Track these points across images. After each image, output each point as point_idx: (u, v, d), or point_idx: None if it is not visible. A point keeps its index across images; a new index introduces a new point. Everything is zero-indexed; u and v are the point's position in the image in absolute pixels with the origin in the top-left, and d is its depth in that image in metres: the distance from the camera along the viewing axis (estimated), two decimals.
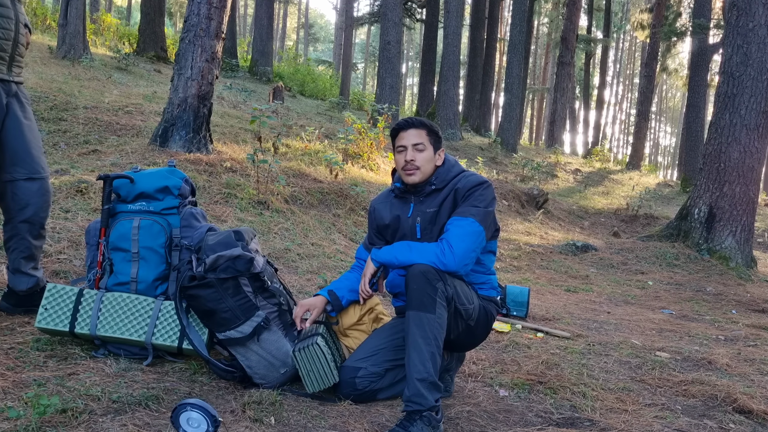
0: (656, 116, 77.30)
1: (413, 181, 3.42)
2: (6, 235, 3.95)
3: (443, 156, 3.53)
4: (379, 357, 3.42)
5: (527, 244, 10.96)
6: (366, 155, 12.31)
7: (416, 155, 3.40)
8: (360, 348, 3.54)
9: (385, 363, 3.41)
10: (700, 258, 10.37)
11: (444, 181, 3.43)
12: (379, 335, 3.58)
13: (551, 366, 4.30)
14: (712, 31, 24.34)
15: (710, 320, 6.74)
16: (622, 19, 53.75)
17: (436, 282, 3.04)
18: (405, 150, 3.43)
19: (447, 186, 3.41)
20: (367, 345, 3.54)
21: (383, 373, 3.41)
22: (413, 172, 3.41)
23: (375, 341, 3.53)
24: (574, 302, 7.20)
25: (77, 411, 2.76)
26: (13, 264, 3.98)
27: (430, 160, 3.44)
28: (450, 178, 3.44)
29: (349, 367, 3.41)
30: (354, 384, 3.36)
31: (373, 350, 3.46)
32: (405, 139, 3.45)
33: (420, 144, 3.42)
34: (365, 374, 3.37)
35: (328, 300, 3.56)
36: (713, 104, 11.36)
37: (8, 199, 3.87)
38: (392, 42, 19.52)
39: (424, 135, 3.45)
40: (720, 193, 10.64)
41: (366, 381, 3.37)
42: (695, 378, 4.25)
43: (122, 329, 3.47)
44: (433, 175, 3.46)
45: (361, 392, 3.37)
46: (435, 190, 3.43)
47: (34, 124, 3.97)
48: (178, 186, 3.79)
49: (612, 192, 21.74)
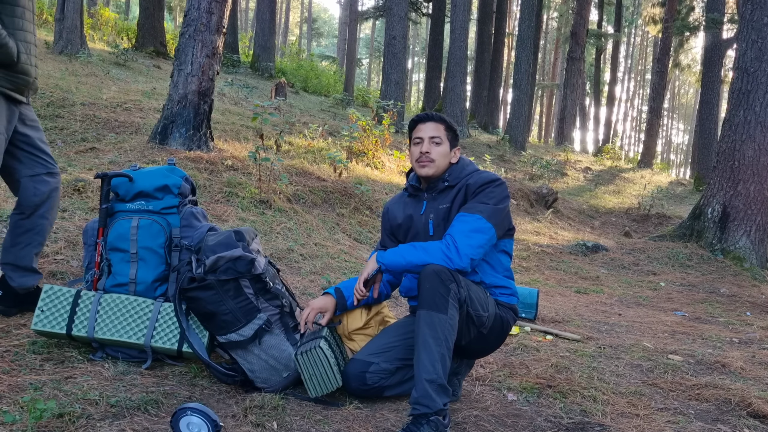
0: (668, 113, 77.19)
1: (426, 173, 3.45)
2: (19, 230, 3.97)
3: (458, 154, 3.57)
4: (391, 354, 3.43)
5: (536, 244, 10.95)
6: (371, 153, 12.30)
7: (432, 148, 3.44)
8: (371, 342, 3.54)
9: (396, 361, 3.42)
10: (714, 258, 10.35)
11: (457, 178, 3.45)
12: (392, 332, 3.58)
13: (561, 369, 4.29)
14: (726, 25, 24.31)
15: (724, 322, 6.73)
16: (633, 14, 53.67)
17: (450, 283, 3.04)
18: (421, 142, 3.48)
19: (459, 183, 3.42)
20: (379, 340, 3.54)
21: (394, 371, 3.42)
22: (427, 164, 3.44)
23: (388, 338, 3.53)
24: (585, 304, 7.19)
25: (74, 415, 2.76)
26: (23, 261, 3.99)
27: (445, 155, 3.47)
28: (463, 176, 3.45)
29: (360, 360, 3.41)
30: (364, 378, 3.37)
31: (386, 347, 3.47)
32: (423, 131, 3.50)
33: (437, 137, 3.46)
34: (377, 370, 3.38)
35: (336, 299, 3.57)
36: (727, 101, 11.35)
37: (29, 194, 3.93)
38: (398, 37, 19.51)
39: (441, 129, 3.50)
40: (734, 191, 10.61)
41: (376, 377, 3.37)
42: (708, 382, 4.23)
43: (121, 332, 3.47)
44: (447, 172, 3.49)
45: (369, 388, 3.38)
46: (448, 187, 3.45)
47: (38, 121, 4.07)
48: (178, 185, 3.79)
49: (623, 191, 21.71)
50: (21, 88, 3.78)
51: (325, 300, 3.56)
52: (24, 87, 3.81)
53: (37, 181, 3.95)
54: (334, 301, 3.56)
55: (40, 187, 3.96)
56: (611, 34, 39.61)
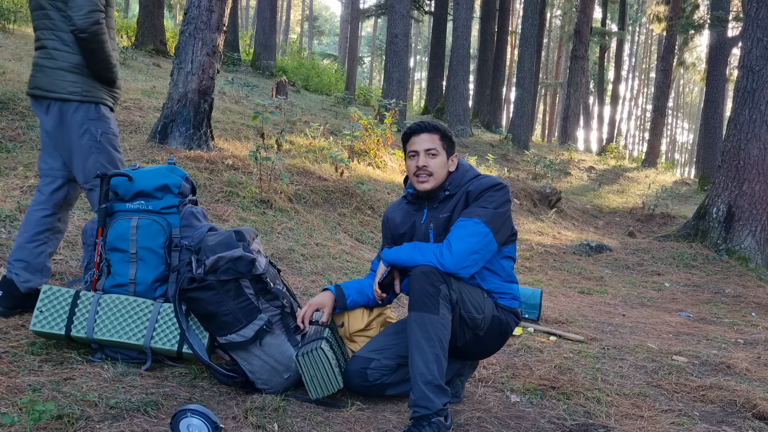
0: (673, 112, 77.15)
1: (426, 188, 3.40)
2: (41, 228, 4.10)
3: (456, 161, 3.51)
4: (392, 351, 3.43)
5: (539, 245, 10.95)
6: (373, 152, 12.30)
7: (429, 161, 3.38)
8: (373, 341, 3.54)
9: (397, 358, 3.41)
10: (719, 259, 10.34)
11: (457, 186, 3.41)
12: (393, 330, 3.58)
13: (564, 370, 4.29)
14: (731, 23, 24.25)
15: (729, 323, 6.72)
16: (637, 11, 53.61)
17: (439, 284, 3.04)
18: (417, 155, 3.41)
19: (460, 190, 3.39)
20: (380, 338, 3.54)
21: (395, 368, 3.41)
22: (426, 180, 3.39)
23: (389, 336, 3.53)
24: (588, 304, 7.19)
25: (73, 417, 2.76)
26: (37, 258, 4.08)
27: (443, 166, 3.42)
28: (464, 183, 3.41)
29: (361, 357, 3.41)
30: (365, 375, 3.37)
31: (387, 344, 3.47)
32: (417, 144, 3.42)
33: (433, 149, 3.39)
34: (378, 366, 3.38)
35: (335, 296, 3.56)
36: (732, 99, 11.33)
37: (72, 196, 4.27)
38: (400, 35, 19.51)
39: (437, 140, 3.42)
40: (739, 191, 10.60)
41: (378, 373, 3.37)
42: (713, 383, 4.23)
43: (120, 332, 3.47)
44: (447, 181, 3.44)
45: (371, 384, 3.38)
46: (448, 196, 3.41)
47: None
48: (178, 184, 3.80)
49: (627, 190, 21.71)
50: (116, 101, 4.29)
51: (323, 297, 3.56)
52: (117, 100, 4.30)
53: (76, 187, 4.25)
54: (332, 297, 3.55)
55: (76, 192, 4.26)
56: (615, 32, 39.62)
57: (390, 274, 3.40)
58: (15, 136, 7.60)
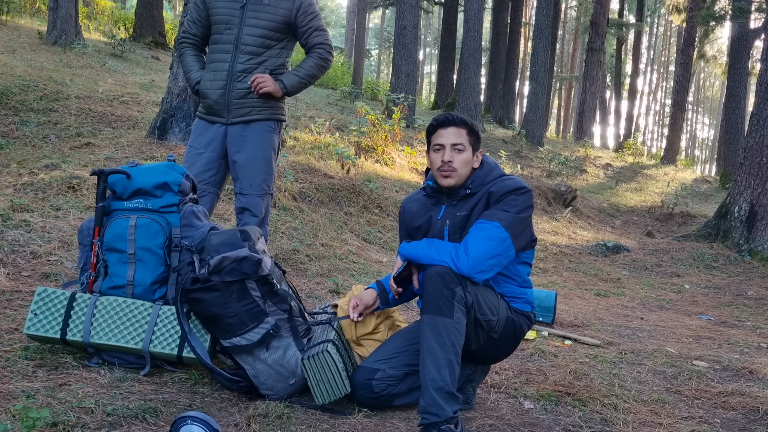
0: (693, 107, 76.91)
1: (449, 184, 3.40)
2: None
3: (481, 158, 3.50)
4: (398, 360, 3.42)
5: (554, 245, 10.93)
6: (380, 149, 12.30)
7: (454, 156, 3.36)
8: (379, 349, 3.54)
9: (404, 367, 3.41)
10: (741, 259, 10.31)
11: (480, 185, 3.40)
12: (400, 338, 3.58)
13: (580, 376, 4.28)
14: (754, 14, 24.13)
15: (751, 327, 6.70)
16: (656, 2, 53.43)
17: (455, 286, 3.03)
18: (442, 149, 3.39)
19: (482, 190, 3.38)
20: (386, 347, 3.54)
21: (402, 377, 3.41)
22: (450, 174, 3.37)
23: (395, 344, 3.53)
24: (605, 307, 7.18)
25: (69, 424, 2.77)
26: None
27: (467, 163, 3.41)
28: (487, 182, 3.40)
29: (366, 368, 3.41)
30: (370, 386, 3.36)
31: (393, 353, 3.46)
32: (444, 137, 3.40)
33: (459, 144, 3.38)
34: (383, 377, 3.37)
35: (378, 293, 3.57)
36: (755, 94, 11.30)
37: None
38: (408, 26, 19.47)
39: (464, 135, 3.41)
40: (762, 189, 10.57)
41: (383, 384, 3.36)
42: (735, 389, 4.22)
43: (117, 336, 3.47)
44: (470, 178, 3.43)
45: (377, 396, 3.37)
46: (469, 194, 3.40)
47: (236, 142, 4.84)
48: (178, 182, 3.78)
49: (645, 188, 21.65)
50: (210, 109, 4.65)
51: (371, 294, 3.58)
52: (210, 108, 4.64)
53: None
54: (375, 294, 3.58)
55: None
56: (633, 23, 39.48)
57: (407, 268, 3.39)
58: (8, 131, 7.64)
